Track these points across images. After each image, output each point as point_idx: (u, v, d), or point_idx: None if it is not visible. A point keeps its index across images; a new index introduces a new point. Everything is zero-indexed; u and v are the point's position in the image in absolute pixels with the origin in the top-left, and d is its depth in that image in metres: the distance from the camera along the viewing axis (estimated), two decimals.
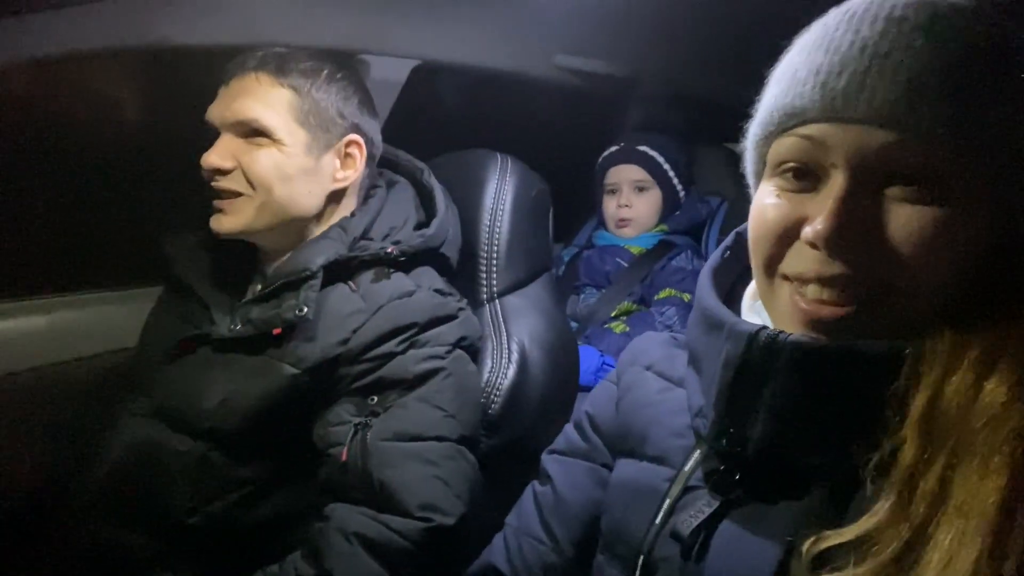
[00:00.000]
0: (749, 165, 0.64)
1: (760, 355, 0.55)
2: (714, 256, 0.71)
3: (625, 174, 1.87)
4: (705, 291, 0.65)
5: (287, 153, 1.02)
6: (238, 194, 1.02)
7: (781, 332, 0.55)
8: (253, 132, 1.01)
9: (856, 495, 0.52)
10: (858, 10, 0.53)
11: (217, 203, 1.03)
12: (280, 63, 1.03)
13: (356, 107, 1.08)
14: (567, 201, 1.54)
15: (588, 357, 1.54)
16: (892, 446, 0.49)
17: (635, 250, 1.83)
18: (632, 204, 1.86)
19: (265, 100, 1.01)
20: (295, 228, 1.07)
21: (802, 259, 0.54)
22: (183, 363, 1.05)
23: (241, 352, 1.01)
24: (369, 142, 1.11)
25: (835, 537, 0.50)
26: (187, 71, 1.18)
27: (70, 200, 1.29)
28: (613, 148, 1.89)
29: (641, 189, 1.86)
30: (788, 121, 0.54)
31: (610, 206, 1.89)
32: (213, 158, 1.01)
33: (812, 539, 0.51)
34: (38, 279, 1.23)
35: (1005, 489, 0.44)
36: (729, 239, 0.71)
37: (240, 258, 1.12)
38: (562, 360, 1.24)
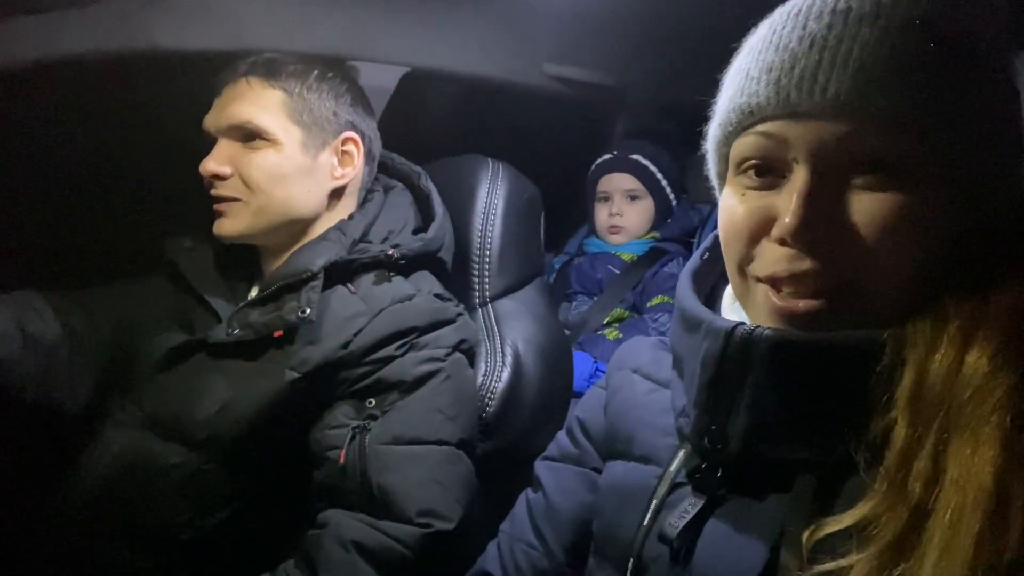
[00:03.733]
0: (712, 167, 0.64)
1: (738, 351, 0.55)
2: (693, 258, 0.71)
3: (617, 183, 1.87)
4: (684, 292, 0.65)
5: (284, 153, 1.02)
6: (237, 199, 1.02)
7: (757, 327, 0.55)
8: (248, 135, 1.02)
9: (846, 483, 0.52)
10: (803, 6, 0.54)
11: (216, 207, 1.03)
12: (269, 66, 1.04)
13: (349, 105, 1.09)
14: (556, 210, 1.54)
15: (581, 363, 1.54)
16: (882, 430, 0.49)
17: (626, 257, 1.83)
18: (624, 213, 1.86)
19: (257, 102, 1.02)
20: (297, 229, 1.07)
21: (772, 258, 0.55)
22: (177, 370, 1.02)
23: (238, 358, 0.99)
24: (366, 139, 1.11)
25: (834, 524, 0.50)
26: (186, 77, 1.17)
27: (63, 209, 1.26)
28: (606, 156, 1.90)
29: (633, 198, 1.86)
30: (745, 120, 0.55)
31: (602, 214, 1.90)
32: (211, 164, 1.02)
33: (811, 528, 0.50)
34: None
35: (998, 459, 0.44)
36: (708, 241, 0.71)
37: (241, 261, 1.11)
38: (556, 364, 1.24)
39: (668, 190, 1.87)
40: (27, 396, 0.97)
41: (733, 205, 0.58)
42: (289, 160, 1.03)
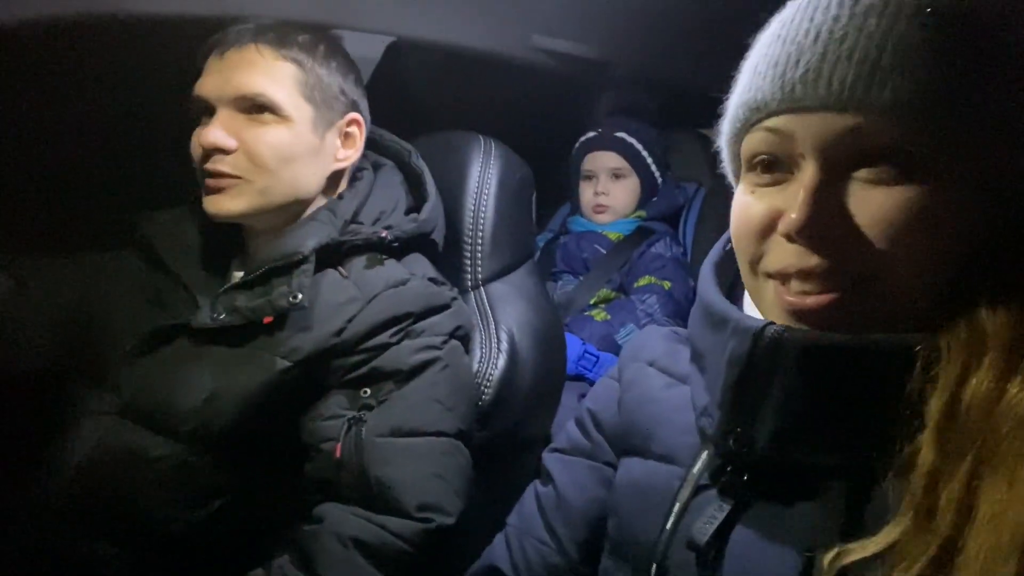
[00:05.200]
0: (727, 165, 0.63)
1: (766, 352, 0.53)
2: (715, 249, 0.69)
3: (602, 161, 1.84)
4: (708, 286, 0.63)
5: (294, 131, 0.96)
6: (238, 177, 0.94)
7: (788, 328, 0.53)
8: (257, 108, 0.94)
9: (874, 495, 0.50)
10: None
11: (212, 183, 0.95)
12: (280, 35, 0.96)
13: (354, 84, 1.04)
14: (538, 186, 1.51)
15: (571, 346, 1.51)
16: (911, 450, 0.48)
17: (613, 236, 1.81)
18: (609, 191, 1.84)
19: (270, 73, 0.94)
20: (294, 210, 1.01)
21: (781, 254, 0.53)
22: (157, 356, 0.97)
23: (224, 344, 0.94)
24: (367, 121, 1.07)
25: (858, 551, 0.48)
26: (161, 44, 1.09)
27: (27, 179, 1.17)
28: (590, 134, 1.86)
29: (618, 176, 1.84)
30: (752, 116, 0.54)
31: (587, 192, 1.87)
32: (216, 135, 0.92)
33: (833, 552, 0.49)
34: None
35: None
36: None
37: (222, 240, 1.05)
38: (550, 348, 1.22)
39: (653, 168, 1.84)
40: None
41: (743, 202, 0.57)
42: (299, 139, 0.96)
